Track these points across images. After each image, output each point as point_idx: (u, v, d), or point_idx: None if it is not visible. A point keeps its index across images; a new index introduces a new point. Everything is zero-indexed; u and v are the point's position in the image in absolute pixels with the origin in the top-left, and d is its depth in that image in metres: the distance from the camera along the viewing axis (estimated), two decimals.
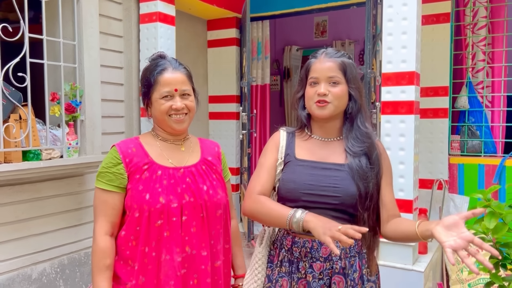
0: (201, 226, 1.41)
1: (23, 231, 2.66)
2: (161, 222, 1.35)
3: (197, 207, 1.40)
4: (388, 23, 2.62)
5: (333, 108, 1.36)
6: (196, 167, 1.46)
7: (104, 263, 1.35)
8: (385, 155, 1.43)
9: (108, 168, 1.39)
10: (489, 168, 3.34)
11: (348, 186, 1.32)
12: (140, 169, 1.39)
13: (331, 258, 1.32)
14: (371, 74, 3.02)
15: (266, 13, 4.45)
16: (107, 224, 1.38)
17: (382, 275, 2.59)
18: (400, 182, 2.61)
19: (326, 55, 1.38)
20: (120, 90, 3.42)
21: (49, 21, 2.79)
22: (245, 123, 3.98)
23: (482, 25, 3.50)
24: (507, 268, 1.28)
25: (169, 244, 1.36)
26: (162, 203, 1.35)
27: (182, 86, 1.43)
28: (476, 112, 3.53)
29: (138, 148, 1.43)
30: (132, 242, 1.37)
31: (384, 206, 1.37)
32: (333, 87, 1.35)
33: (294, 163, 1.39)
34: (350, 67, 1.38)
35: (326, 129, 1.42)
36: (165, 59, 1.48)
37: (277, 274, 1.38)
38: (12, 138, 2.44)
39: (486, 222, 1.22)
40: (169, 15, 3.46)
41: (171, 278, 1.35)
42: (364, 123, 1.40)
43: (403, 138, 2.59)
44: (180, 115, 1.42)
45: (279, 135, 1.46)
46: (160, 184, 1.38)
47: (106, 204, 1.38)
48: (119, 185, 1.39)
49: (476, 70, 3.56)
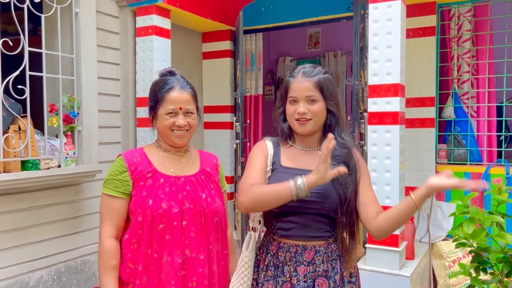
0: (200, 231, 1.51)
1: (21, 239, 2.73)
2: (162, 226, 1.46)
3: (196, 213, 1.51)
4: (374, 37, 2.73)
5: (312, 124, 1.45)
6: (195, 177, 1.57)
7: (110, 263, 1.45)
8: (361, 161, 1.52)
9: (114, 176, 1.50)
10: (475, 176, 3.43)
11: (329, 192, 1.41)
12: (144, 177, 1.50)
13: (314, 262, 1.41)
14: (359, 86, 3.13)
15: (259, 26, 4.57)
16: (112, 227, 1.48)
17: (370, 280, 2.68)
18: (386, 189, 2.70)
19: (303, 74, 1.46)
20: (117, 101, 3.52)
21: (48, 35, 2.88)
22: (239, 133, 4.08)
23: (467, 38, 3.62)
24: (487, 272, 1.33)
25: (170, 247, 1.46)
26: (164, 208, 1.46)
27: (187, 105, 1.54)
28: (462, 121, 3.63)
29: (142, 157, 1.54)
30: (134, 245, 1.47)
31: (369, 205, 1.44)
32: (311, 105, 1.44)
33: (279, 170, 1.48)
34: (327, 83, 1.46)
35: (307, 141, 1.52)
36: (174, 77, 1.58)
37: (263, 278, 1.46)
38: (12, 148, 2.52)
39: (465, 228, 1.28)
40: (165, 29, 3.58)
41: (172, 278, 1.45)
42: (341, 134, 1.49)
43: (389, 147, 2.69)
44: (182, 131, 1.54)
45: (265, 144, 1.54)
46: (163, 191, 1.49)
47: (112, 209, 1.49)
48: (125, 191, 1.49)
49: (461, 82, 3.67)
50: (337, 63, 5.83)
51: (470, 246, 1.32)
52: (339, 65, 5.82)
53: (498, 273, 1.30)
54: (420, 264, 3.01)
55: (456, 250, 3.25)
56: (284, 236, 1.44)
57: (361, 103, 3.19)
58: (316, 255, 1.42)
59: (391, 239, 2.71)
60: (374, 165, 2.73)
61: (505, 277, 1.28)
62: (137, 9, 3.52)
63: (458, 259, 3.26)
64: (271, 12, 4.44)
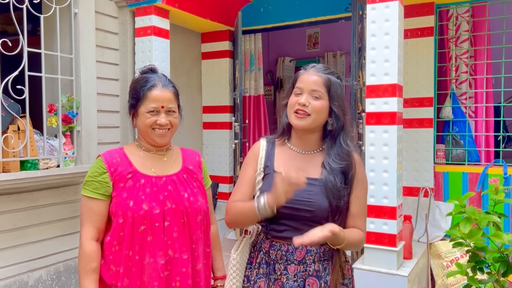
0: (183, 231, 1.50)
1: (20, 239, 2.74)
2: (144, 228, 1.44)
3: (178, 213, 1.49)
4: (371, 38, 2.74)
5: (310, 121, 1.40)
6: (177, 176, 1.54)
7: (90, 266, 1.43)
8: (360, 169, 1.47)
9: (94, 177, 1.47)
10: (473, 176, 3.45)
11: (320, 201, 1.38)
12: (124, 177, 1.47)
13: (305, 261, 1.40)
14: (357, 86, 3.14)
15: (258, 26, 4.58)
16: (93, 229, 1.46)
17: (367, 279, 2.69)
18: (384, 189, 2.71)
19: (315, 69, 1.45)
20: (115, 101, 3.52)
21: (47, 35, 2.89)
22: (238, 133, 4.09)
23: (465, 39, 3.63)
24: (484, 271, 1.33)
25: (152, 248, 1.45)
26: (145, 210, 1.44)
27: (169, 104, 1.51)
28: (460, 122, 3.64)
29: (122, 158, 1.51)
30: (116, 247, 1.45)
31: (349, 217, 1.44)
32: (315, 100, 1.40)
33: (272, 175, 1.44)
34: (336, 85, 1.43)
35: (304, 141, 1.48)
36: (156, 75, 1.55)
37: (255, 275, 1.46)
38: (11, 148, 2.52)
39: (461, 227, 1.28)
40: (164, 29, 3.58)
41: (155, 279, 1.44)
42: (346, 141, 1.43)
43: (386, 147, 2.70)
44: (163, 130, 1.50)
45: (259, 146, 1.53)
46: (143, 192, 1.46)
47: (92, 211, 1.46)
48: (104, 193, 1.47)
49: (459, 82, 3.68)
50: (336, 63, 5.84)
51: (467, 246, 1.32)
52: (338, 65, 5.83)
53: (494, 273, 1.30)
54: (418, 264, 3.02)
55: (454, 250, 3.26)
56: (276, 237, 1.44)
57: (359, 103, 3.20)
58: (307, 254, 1.41)
59: (389, 239, 2.73)
60: (372, 165, 2.74)
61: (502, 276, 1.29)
62: (136, 9, 3.52)
63: (456, 258, 3.27)
64: (270, 12, 4.45)
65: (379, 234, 2.75)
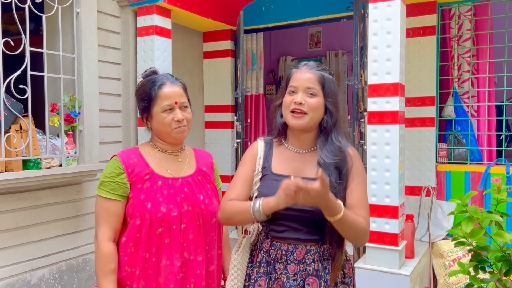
0: (198, 233, 1.51)
1: (23, 238, 2.74)
2: (161, 230, 1.44)
3: (194, 216, 1.50)
4: (373, 37, 2.74)
5: (308, 120, 1.40)
6: (192, 178, 1.55)
7: (109, 267, 1.42)
8: (356, 164, 1.45)
9: (111, 178, 1.47)
10: (475, 175, 3.44)
11: None
12: (142, 179, 1.47)
13: (305, 261, 1.40)
14: (358, 85, 3.14)
15: (260, 26, 4.57)
16: (110, 230, 1.45)
17: (369, 279, 2.69)
18: (386, 189, 2.71)
19: (307, 66, 1.44)
20: (118, 101, 3.53)
21: (49, 35, 2.90)
22: (240, 132, 4.09)
23: (467, 38, 3.62)
24: (486, 270, 1.33)
25: (169, 250, 1.45)
26: (163, 212, 1.44)
27: (181, 98, 1.51)
28: (462, 121, 3.63)
29: (138, 158, 1.51)
30: (131, 249, 1.45)
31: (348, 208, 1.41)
32: (310, 98, 1.40)
33: (270, 177, 1.45)
34: (329, 81, 1.43)
35: (301, 140, 1.46)
36: (160, 74, 1.56)
37: (256, 274, 1.46)
38: (13, 147, 2.53)
39: (463, 226, 1.29)
40: (165, 28, 3.59)
41: (171, 282, 1.44)
42: (337, 137, 1.43)
43: (388, 146, 2.70)
44: (182, 126, 1.50)
45: (257, 146, 1.52)
46: (161, 194, 1.46)
47: (109, 212, 1.45)
48: (122, 193, 1.46)
49: (461, 81, 3.67)
50: (338, 62, 5.84)
51: (469, 245, 1.32)
52: (340, 64, 5.83)
53: (497, 272, 1.30)
54: (420, 263, 3.01)
55: (456, 249, 3.26)
56: (276, 237, 1.44)
57: (361, 103, 3.20)
58: (307, 254, 1.41)
59: (391, 238, 2.72)
60: (374, 164, 2.74)
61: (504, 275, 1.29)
62: (138, 9, 3.52)
63: (458, 258, 3.26)
64: (272, 11, 4.44)
65: (381, 233, 2.75)
